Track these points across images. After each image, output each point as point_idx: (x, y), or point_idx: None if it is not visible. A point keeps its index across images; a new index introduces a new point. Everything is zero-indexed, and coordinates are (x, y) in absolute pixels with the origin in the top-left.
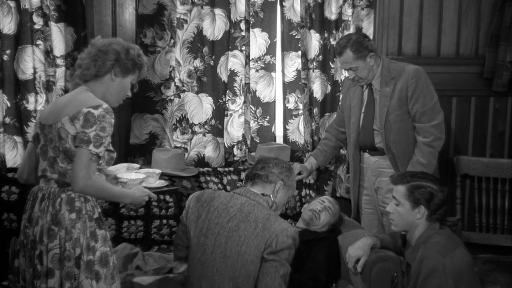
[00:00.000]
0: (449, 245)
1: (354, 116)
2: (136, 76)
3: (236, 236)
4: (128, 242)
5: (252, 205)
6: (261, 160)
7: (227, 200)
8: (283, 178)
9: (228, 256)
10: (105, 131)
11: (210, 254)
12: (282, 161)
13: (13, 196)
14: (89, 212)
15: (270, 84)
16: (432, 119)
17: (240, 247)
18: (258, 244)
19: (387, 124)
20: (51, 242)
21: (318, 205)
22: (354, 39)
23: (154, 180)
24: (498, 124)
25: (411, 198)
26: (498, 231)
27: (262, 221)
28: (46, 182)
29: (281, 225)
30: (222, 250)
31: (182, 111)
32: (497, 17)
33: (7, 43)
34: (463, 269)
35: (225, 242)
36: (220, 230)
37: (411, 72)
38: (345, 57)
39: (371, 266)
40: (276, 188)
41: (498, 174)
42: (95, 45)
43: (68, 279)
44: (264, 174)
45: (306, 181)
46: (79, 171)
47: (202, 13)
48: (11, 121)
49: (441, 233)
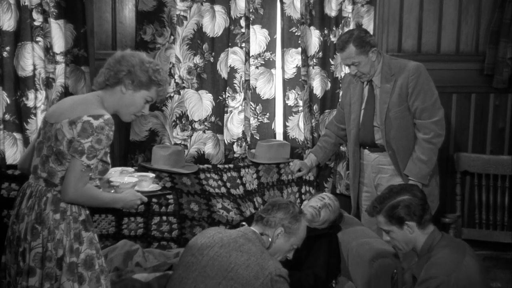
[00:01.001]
0: (455, 259)
1: (354, 113)
2: (153, 94)
3: (226, 262)
4: (128, 239)
5: (247, 239)
6: (270, 202)
7: (224, 230)
8: (284, 224)
9: (211, 278)
10: (101, 143)
11: (192, 271)
12: (291, 207)
13: (13, 193)
14: (75, 213)
15: (270, 81)
16: (432, 115)
17: (227, 273)
18: (248, 275)
19: (387, 121)
20: (34, 241)
21: (318, 202)
22: (357, 34)
23: (147, 184)
24: (498, 121)
25: (393, 221)
26: (498, 228)
27: (255, 255)
28: (36, 179)
29: (274, 264)
30: (207, 270)
31: (182, 108)
32: (497, 14)
33: (7, 40)
34: (469, 284)
35: (212, 264)
36: (209, 252)
37: (412, 69)
38: (347, 52)
39: (370, 263)
40: (275, 233)
41: (498, 170)
42: (117, 55)
43: (48, 279)
44: (266, 217)
45: (306, 178)
46: (70, 181)
47: (202, 9)
48: (11, 118)
49: (443, 245)
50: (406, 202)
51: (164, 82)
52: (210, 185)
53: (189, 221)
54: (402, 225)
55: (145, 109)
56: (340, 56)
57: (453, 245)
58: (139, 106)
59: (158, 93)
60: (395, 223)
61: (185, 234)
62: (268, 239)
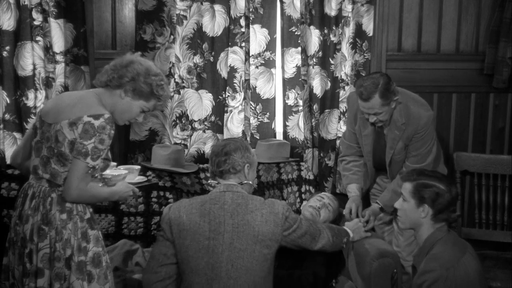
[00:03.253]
0: (454, 255)
1: (368, 146)
2: (151, 105)
3: (248, 228)
4: (128, 238)
5: (241, 196)
6: (218, 153)
7: (216, 200)
8: (246, 160)
9: (244, 250)
10: (104, 143)
11: (221, 254)
12: (237, 142)
13: (13, 193)
14: (80, 212)
15: (270, 81)
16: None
17: (255, 237)
18: (270, 229)
19: (393, 163)
20: (41, 242)
21: (317, 202)
22: (382, 84)
23: (134, 176)
24: (498, 121)
25: (416, 196)
26: (498, 227)
27: (263, 206)
28: (37, 179)
29: (279, 204)
30: (236, 245)
31: (182, 108)
32: (497, 13)
33: (7, 40)
34: (467, 281)
35: (237, 236)
36: (226, 227)
37: (422, 123)
38: (372, 103)
39: (370, 263)
40: (246, 172)
41: (498, 170)
42: (126, 58)
43: (57, 279)
44: (229, 167)
45: (306, 177)
46: (73, 183)
47: (201, 9)
48: (10, 117)
49: (446, 240)
50: (439, 190)
51: (165, 98)
52: (210, 185)
53: None
54: (420, 205)
55: (140, 117)
56: (360, 104)
57: (456, 242)
58: (134, 114)
59: (156, 106)
60: (416, 199)
61: None
62: (249, 183)
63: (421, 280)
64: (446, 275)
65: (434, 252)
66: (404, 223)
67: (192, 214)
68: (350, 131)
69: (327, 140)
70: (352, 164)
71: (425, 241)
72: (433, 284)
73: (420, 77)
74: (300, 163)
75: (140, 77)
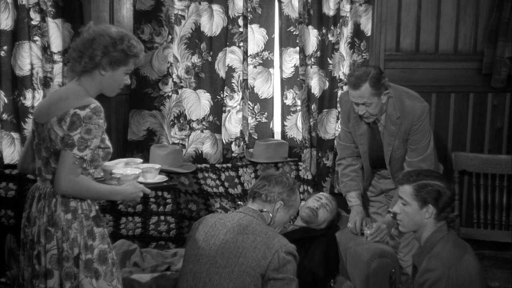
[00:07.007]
0: (456, 254)
1: (364, 145)
2: (131, 65)
3: (234, 247)
4: (126, 238)
5: (249, 220)
6: (263, 177)
7: (225, 215)
8: (283, 198)
9: (223, 267)
10: (91, 133)
11: (203, 264)
12: (285, 180)
13: (11, 193)
14: (86, 211)
15: (268, 80)
16: (420, 153)
17: (238, 258)
18: (256, 257)
19: (393, 160)
20: (48, 243)
21: (315, 202)
22: (373, 73)
23: (153, 176)
24: (496, 120)
25: (418, 198)
26: (496, 227)
27: (260, 234)
28: (43, 181)
29: (280, 241)
30: (217, 260)
31: (180, 107)
32: (496, 13)
33: (4, 39)
34: (469, 281)
35: (221, 252)
36: (215, 241)
37: (417, 114)
38: (362, 91)
39: (369, 263)
40: (275, 208)
41: (496, 170)
42: (83, 37)
43: (68, 279)
44: (264, 193)
45: (304, 176)
46: (61, 174)
47: (200, 9)
48: (8, 117)
49: (447, 239)
50: (440, 188)
51: (139, 52)
52: (208, 185)
53: (187, 221)
54: (423, 206)
55: (127, 80)
56: (350, 94)
57: (456, 242)
58: (121, 81)
59: (136, 63)
60: (418, 200)
61: (183, 233)
62: (269, 215)
63: (423, 278)
64: (448, 274)
65: (435, 251)
66: (406, 226)
67: (202, 224)
68: (345, 130)
69: (325, 140)
70: (349, 169)
71: (426, 241)
72: (436, 283)
73: (418, 77)
74: (298, 163)
75: (110, 48)
